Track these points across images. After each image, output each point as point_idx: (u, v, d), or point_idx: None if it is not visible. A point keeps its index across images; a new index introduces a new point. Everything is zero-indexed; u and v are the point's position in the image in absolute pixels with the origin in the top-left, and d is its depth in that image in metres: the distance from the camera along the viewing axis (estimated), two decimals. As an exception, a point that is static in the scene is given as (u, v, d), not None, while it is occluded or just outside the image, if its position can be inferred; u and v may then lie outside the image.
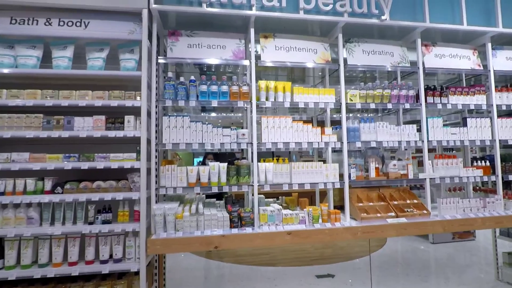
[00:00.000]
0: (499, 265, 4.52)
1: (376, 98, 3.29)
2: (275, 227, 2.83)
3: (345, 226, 2.90)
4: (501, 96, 3.59)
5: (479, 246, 5.68)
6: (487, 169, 3.49)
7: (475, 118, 3.49)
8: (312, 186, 3.02)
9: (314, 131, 3.10)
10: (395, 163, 3.34)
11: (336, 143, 3.10)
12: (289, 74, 4.32)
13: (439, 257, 5.28)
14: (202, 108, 4.55)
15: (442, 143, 3.33)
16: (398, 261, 5.14)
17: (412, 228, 2.99)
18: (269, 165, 2.99)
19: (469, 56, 3.61)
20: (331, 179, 3.09)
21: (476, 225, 3.15)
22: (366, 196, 3.37)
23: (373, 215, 3.05)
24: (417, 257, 5.28)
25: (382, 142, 3.18)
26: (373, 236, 2.91)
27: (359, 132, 3.20)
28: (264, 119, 3.01)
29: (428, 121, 3.35)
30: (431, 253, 5.45)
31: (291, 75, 4.37)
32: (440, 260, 5.13)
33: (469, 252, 5.41)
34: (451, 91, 3.46)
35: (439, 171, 3.34)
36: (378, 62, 3.32)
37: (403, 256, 5.36)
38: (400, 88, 3.34)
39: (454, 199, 3.24)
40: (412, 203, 3.29)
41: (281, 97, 3.08)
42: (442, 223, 3.07)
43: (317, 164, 3.07)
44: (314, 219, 2.93)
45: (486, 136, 3.49)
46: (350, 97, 3.21)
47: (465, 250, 5.50)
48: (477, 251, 5.45)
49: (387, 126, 3.24)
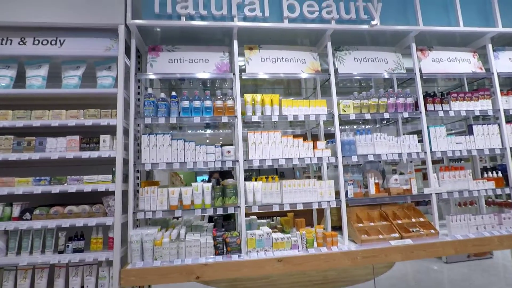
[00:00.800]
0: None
1: (372, 108, 3.06)
2: (264, 253, 2.55)
3: (343, 250, 2.60)
4: (508, 100, 3.33)
5: (498, 265, 5.22)
6: (499, 181, 3.17)
7: (482, 125, 3.22)
8: (306, 206, 2.74)
9: (306, 145, 2.86)
10: (396, 178, 3.06)
11: (330, 158, 2.84)
12: (285, 87, 4.14)
13: (454, 278, 4.84)
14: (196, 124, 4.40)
15: (448, 154, 3.05)
16: (409, 283, 4.72)
17: (419, 251, 2.67)
18: (258, 184, 2.74)
19: (469, 59, 3.39)
20: (326, 197, 2.82)
21: (492, 245, 2.82)
22: (367, 215, 3.08)
23: (375, 237, 2.75)
24: (430, 279, 4.86)
25: (380, 155, 2.92)
26: (375, 262, 2.60)
27: (355, 145, 2.95)
28: (251, 134, 2.79)
29: (430, 130, 3.09)
30: (445, 274, 5.01)
31: (287, 89, 4.19)
32: (455, 282, 4.70)
33: (487, 272, 4.96)
34: (453, 97, 3.22)
35: (445, 185, 3.04)
36: (371, 70, 3.12)
37: (415, 278, 4.94)
38: (397, 96, 3.11)
39: (465, 216, 2.92)
40: (418, 221, 2.98)
41: (268, 111, 2.88)
42: (453, 244, 2.74)
43: (310, 182, 2.82)
44: (308, 243, 2.64)
45: (496, 144, 3.20)
46: (343, 107, 2.98)
47: (482, 270, 5.05)
48: (496, 271, 4.99)
49: (385, 137, 2.99)
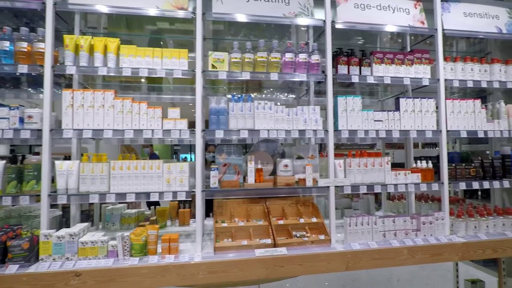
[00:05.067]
0: (461, 296, 3.46)
1: (259, 65, 2.20)
2: (62, 263, 1.78)
3: (180, 262, 1.83)
4: (454, 67, 2.48)
5: (436, 275, 4.55)
6: (427, 173, 2.40)
7: (413, 99, 2.39)
8: (142, 197, 1.95)
9: (151, 113, 2.02)
10: (287, 164, 2.26)
11: (182, 132, 2.01)
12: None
13: (378, 280, 4.21)
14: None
15: (358, 134, 2.24)
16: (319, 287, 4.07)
17: (293, 265, 1.92)
18: (73, 165, 1.93)
19: (408, 9, 2.49)
20: (176, 186, 2.02)
21: (399, 259, 2.07)
22: (244, 212, 2.30)
23: (235, 243, 1.99)
24: (363, 276, 4.22)
25: (259, 131, 2.10)
26: (225, 279, 1.85)
27: (226, 116, 2.12)
28: (66, 93, 1.94)
29: (339, 101, 2.26)
30: (364, 276, 4.34)
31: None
32: (379, 284, 4.07)
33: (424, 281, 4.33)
34: (377, 58, 2.36)
35: (353, 176, 2.25)
36: (259, 12, 2.21)
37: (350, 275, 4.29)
38: (298, 52, 2.25)
39: (369, 218, 2.16)
40: (310, 223, 2.21)
41: (99, 61, 2.00)
42: (344, 257, 1.99)
43: (153, 164, 2.00)
44: (134, 249, 1.86)
45: (429, 125, 2.39)
46: (213, 62, 2.12)
47: (421, 274, 4.42)
48: (434, 281, 4.35)
49: (271, 107, 2.15)
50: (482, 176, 2.50)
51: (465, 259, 2.25)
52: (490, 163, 2.52)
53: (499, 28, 2.61)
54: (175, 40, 2.86)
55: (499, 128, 2.51)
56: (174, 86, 3.18)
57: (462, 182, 2.40)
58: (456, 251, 2.17)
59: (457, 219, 2.33)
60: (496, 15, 2.64)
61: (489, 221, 2.35)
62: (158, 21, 2.59)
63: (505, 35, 2.60)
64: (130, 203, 4.34)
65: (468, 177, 2.46)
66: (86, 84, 2.59)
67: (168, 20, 2.54)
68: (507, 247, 2.23)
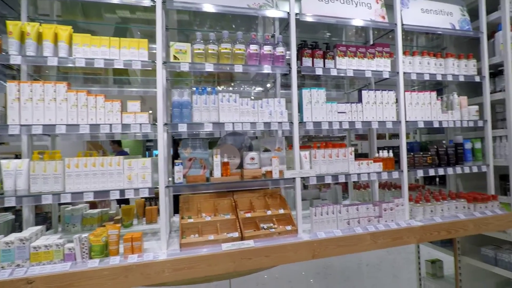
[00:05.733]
0: (421, 276, 3.69)
1: (222, 57, 2.15)
2: (12, 271, 1.65)
3: (145, 261, 1.77)
4: (412, 61, 2.59)
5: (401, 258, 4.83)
6: (388, 162, 2.50)
7: (374, 91, 2.47)
8: (101, 196, 1.86)
9: (109, 106, 1.91)
10: (253, 156, 2.25)
11: (143, 126, 1.93)
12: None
13: (348, 266, 4.39)
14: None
15: (323, 126, 2.28)
16: (289, 278, 4.19)
17: (260, 257, 1.93)
18: (23, 164, 1.79)
19: (370, 3, 2.55)
20: (138, 183, 1.94)
21: (363, 245, 2.16)
22: (212, 206, 2.27)
23: (203, 239, 1.96)
24: (322, 270, 4.37)
25: (224, 124, 2.07)
26: (193, 276, 1.82)
27: (190, 109, 2.06)
28: (11, 85, 1.78)
29: (303, 93, 2.28)
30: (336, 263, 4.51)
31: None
32: (350, 270, 4.25)
33: (390, 264, 4.58)
34: (340, 51, 2.40)
35: (318, 167, 2.30)
36: (223, 1, 2.16)
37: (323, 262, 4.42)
38: (263, 44, 2.23)
39: (334, 207, 2.22)
40: (277, 214, 2.23)
41: (49, 50, 1.86)
42: (310, 246, 2.04)
43: (113, 161, 1.91)
44: (94, 251, 1.77)
45: (390, 116, 2.49)
46: (175, 53, 2.04)
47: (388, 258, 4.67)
48: (399, 263, 4.62)
49: (236, 100, 2.12)
50: (438, 163, 2.65)
51: (422, 241, 2.38)
52: (444, 151, 2.67)
53: (453, 25, 2.76)
54: (142, 31, 2.72)
55: (453, 118, 2.67)
56: (141, 78, 3.04)
57: (420, 170, 2.53)
58: (415, 234, 2.29)
59: (416, 204, 2.47)
60: (450, 12, 2.78)
61: (443, 205, 2.51)
62: (118, 9, 2.44)
63: (458, 31, 2.76)
64: (100, 203, 4.12)
65: (425, 164, 2.60)
66: (37, 76, 2.39)
67: (128, 8, 2.40)
68: (459, 228, 2.40)
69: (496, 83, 2.83)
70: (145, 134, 2.47)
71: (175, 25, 2.68)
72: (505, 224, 2.57)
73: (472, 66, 2.75)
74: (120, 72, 2.79)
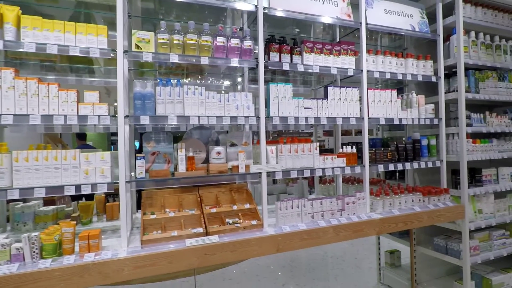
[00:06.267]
0: (381, 266, 3.88)
1: (188, 48, 2.09)
2: None
3: (103, 259, 1.69)
4: (376, 60, 2.69)
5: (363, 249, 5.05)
6: (351, 157, 2.59)
7: (339, 88, 2.53)
8: (53, 191, 1.74)
9: (64, 96, 1.79)
10: (219, 151, 2.22)
11: (102, 118, 1.83)
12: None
13: (314, 258, 4.53)
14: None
15: (289, 121, 2.30)
16: (256, 272, 4.24)
17: (225, 252, 1.92)
18: (-38, 157, 1.62)
19: (336, 1, 2.60)
20: (96, 178, 1.84)
21: (326, 238, 2.22)
22: (176, 202, 2.22)
23: (166, 235, 1.91)
24: (290, 262, 4.47)
25: (189, 117, 2.02)
26: (152, 274, 1.77)
27: (153, 101, 1.98)
28: None
29: (270, 88, 2.28)
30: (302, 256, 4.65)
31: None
32: (315, 262, 4.39)
33: (353, 256, 4.78)
34: (307, 47, 2.43)
35: (284, 161, 2.32)
36: (189, -10, 2.10)
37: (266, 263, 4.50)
38: (230, 37, 2.19)
39: (299, 201, 2.26)
40: (243, 209, 2.23)
41: (-8, 33, 1.69)
42: (274, 240, 2.06)
43: (68, 155, 1.79)
44: (45, 250, 1.66)
45: (354, 113, 2.57)
46: (137, 42, 1.95)
47: (351, 250, 4.87)
48: (362, 254, 4.85)
49: (202, 93, 2.08)
50: (397, 158, 2.78)
51: (381, 233, 2.50)
52: (403, 147, 2.82)
53: (413, 26, 2.89)
54: (104, 18, 2.56)
55: (411, 116, 2.81)
56: (105, 68, 2.86)
57: (380, 165, 2.65)
58: (374, 226, 2.40)
59: (376, 198, 2.58)
60: (411, 14, 2.91)
61: (401, 198, 2.65)
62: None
63: (417, 33, 2.90)
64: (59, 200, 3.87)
65: (385, 160, 2.72)
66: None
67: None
68: (415, 220, 2.55)
69: (451, 83, 3.02)
70: (107, 127, 2.36)
71: (139, 13, 2.57)
72: (455, 216, 2.77)
73: (429, 66, 2.91)
74: (81, 60, 2.61)
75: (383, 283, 3.76)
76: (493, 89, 3.09)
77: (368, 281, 3.80)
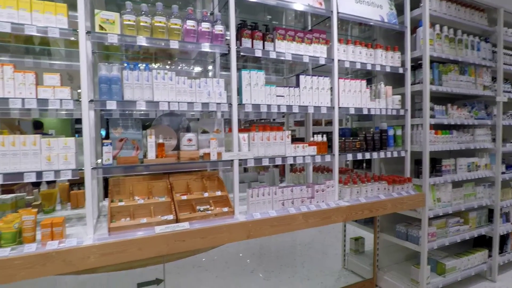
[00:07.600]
0: (346, 252, 4.04)
1: (157, 31, 2.02)
2: None
3: (67, 247, 1.64)
4: (346, 49, 2.74)
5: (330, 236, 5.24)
6: (322, 146, 2.65)
7: (311, 76, 2.56)
8: (12, 178, 1.65)
9: (21, 78, 1.68)
10: (191, 138, 2.20)
11: (64, 102, 1.74)
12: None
13: (283, 246, 4.66)
14: None
15: (261, 109, 2.31)
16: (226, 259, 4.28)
17: (195, 238, 1.93)
18: None
19: (310, -10, 2.61)
20: (59, 164, 1.76)
21: (295, 225, 2.29)
22: (146, 189, 2.19)
23: (134, 222, 1.88)
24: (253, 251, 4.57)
25: (159, 103, 1.97)
26: (120, 261, 1.75)
27: (120, 86, 1.91)
28: None
29: (243, 75, 2.27)
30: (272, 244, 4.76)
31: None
32: (284, 249, 4.51)
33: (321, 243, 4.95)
34: (279, 34, 2.43)
35: (256, 149, 2.34)
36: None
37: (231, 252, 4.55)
38: (201, 20, 2.14)
39: (270, 189, 2.30)
40: (214, 196, 2.24)
41: None
42: (245, 227, 2.09)
43: (27, 140, 1.70)
44: (4, 239, 1.58)
45: (325, 102, 2.62)
46: (101, 22, 1.86)
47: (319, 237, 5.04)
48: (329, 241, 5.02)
49: (172, 78, 2.03)
50: (365, 148, 2.89)
51: (348, 219, 2.61)
52: (371, 137, 2.92)
53: (382, 17, 2.96)
54: None
55: (379, 106, 2.91)
56: (66, 51, 2.70)
57: (349, 154, 2.73)
58: (342, 213, 2.50)
59: (344, 186, 2.67)
60: (380, 5, 2.97)
61: (367, 186, 2.76)
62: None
63: (386, 24, 2.97)
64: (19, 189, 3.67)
65: (354, 149, 2.81)
66: None
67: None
68: (379, 207, 2.67)
69: (416, 75, 3.15)
70: (70, 113, 2.26)
71: (105, -7, 2.44)
72: (416, 204, 2.93)
73: (397, 58, 3.01)
74: (39, 42, 2.44)
75: (347, 268, 3.91)
76: (454, 82, 3.26)
77: (333, 267, 3.95)
